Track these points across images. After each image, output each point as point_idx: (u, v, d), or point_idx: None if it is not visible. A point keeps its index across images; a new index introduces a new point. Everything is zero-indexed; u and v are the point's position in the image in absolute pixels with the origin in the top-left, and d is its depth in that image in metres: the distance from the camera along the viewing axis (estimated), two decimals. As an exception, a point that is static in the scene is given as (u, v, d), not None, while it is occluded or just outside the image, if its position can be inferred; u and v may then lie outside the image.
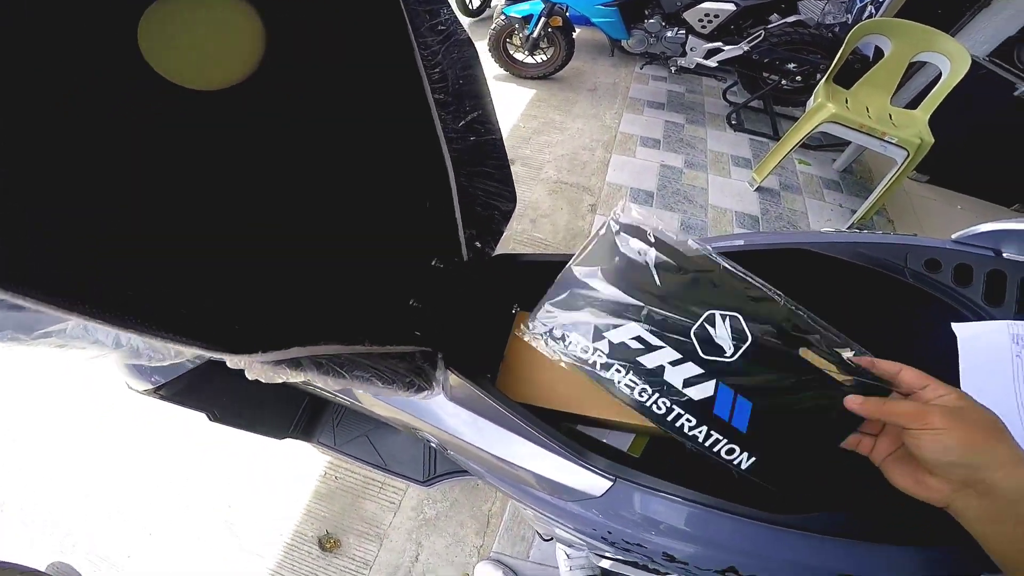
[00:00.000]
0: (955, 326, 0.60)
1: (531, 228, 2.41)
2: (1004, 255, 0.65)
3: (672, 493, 0.55)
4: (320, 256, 0.49)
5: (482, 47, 3.38)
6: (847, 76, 2.44)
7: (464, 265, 0.70)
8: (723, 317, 0.51)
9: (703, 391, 0.51)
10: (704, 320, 0.51)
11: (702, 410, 0.51)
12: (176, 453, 1.53)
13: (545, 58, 3.44)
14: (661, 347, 0.52)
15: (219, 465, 1.51)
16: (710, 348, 0.51)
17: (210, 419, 0.96)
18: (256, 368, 0.36)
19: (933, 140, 2.09)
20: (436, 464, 1.30)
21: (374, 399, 0.72)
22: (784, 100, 3.29)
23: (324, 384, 0.42)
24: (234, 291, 0.38)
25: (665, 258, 0.51)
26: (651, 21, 3.09)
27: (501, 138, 0.59)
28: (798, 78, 3.04)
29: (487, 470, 0.75)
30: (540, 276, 0.82)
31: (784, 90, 3.19)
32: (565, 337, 0.53)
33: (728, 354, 0.51)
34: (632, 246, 0.52)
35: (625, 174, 2.73)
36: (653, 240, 0.52)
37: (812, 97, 2.35)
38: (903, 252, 0.65)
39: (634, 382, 0.52)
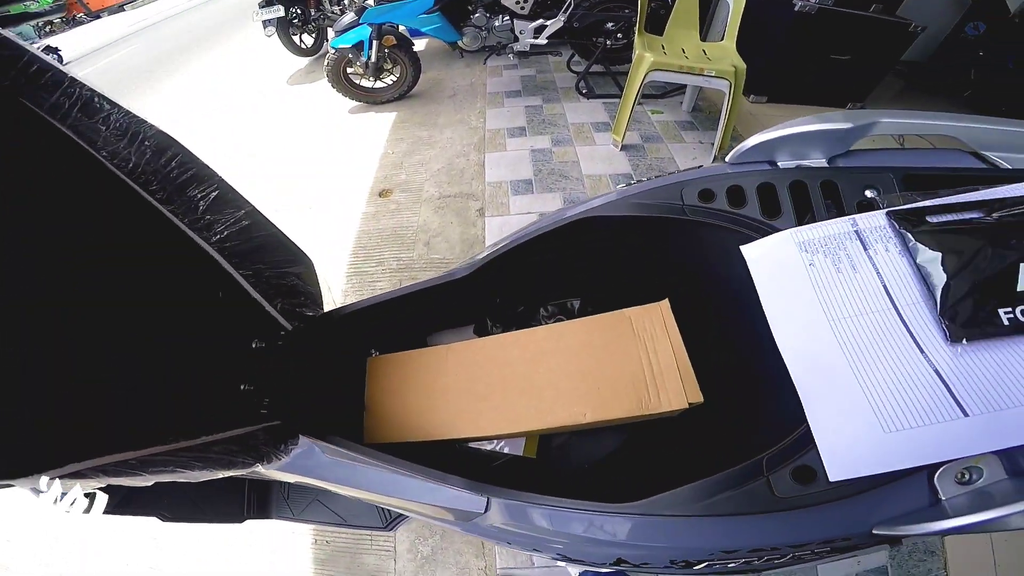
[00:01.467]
0: (743, 248, 0.62)
1: (427, 252, 2.40)
2: (779, 164, 0.68)
3: (534, 502, 0.57)
4: (118, 363, 0.48)
5: (327, 84, 3.32)
6: (658, 24, 2.62)
7: (291, 335, 0.69)
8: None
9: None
10: None
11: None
12: (158, 556, 1.48)
13: (395, 78, 3.43)
14: None
15: (207, 561, 1.47)
16: None
17: (162, 520, 0.90)
18: (48, 487, 0.36)
19: (745, 65, 2.30)
20: (388, 509, 1.29)
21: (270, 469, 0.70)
22: (618, 59, 3.44)
23: (124, 484, 0.42)
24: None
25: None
26: (476, 16, 3.18)
27: (254, 209, 0.58)
28: (619, 36, 3.22)
29: (399, 508, 0.75)
30: (389, 315, 0.83)
31: (614, 50, 3.34)
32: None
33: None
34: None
35: (502, 169, 2.78)
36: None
37: (633, 51, 2.49)
38: (678, 190, 0.68)
39: None
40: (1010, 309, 0.51)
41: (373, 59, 3.11)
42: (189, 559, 1.50)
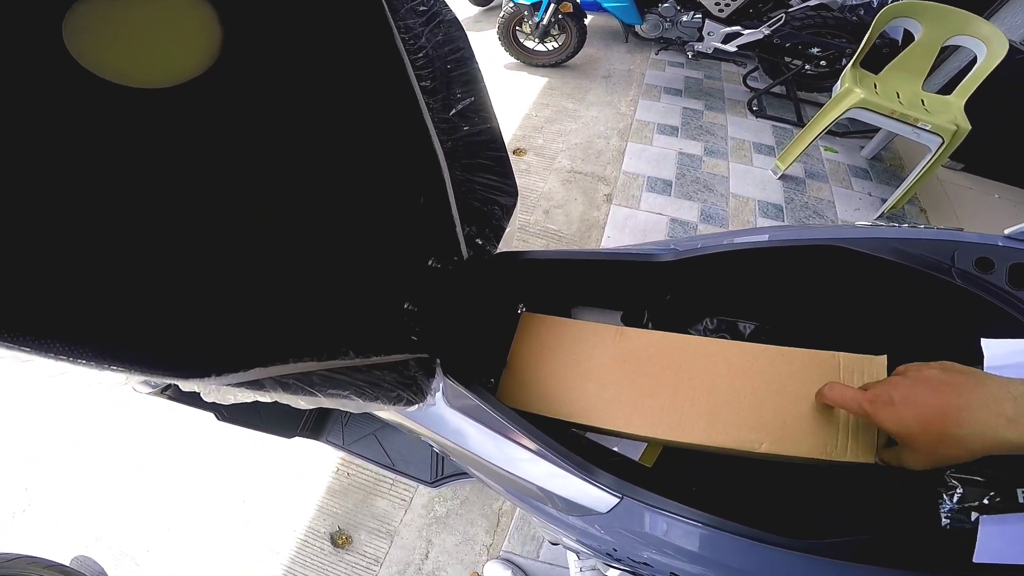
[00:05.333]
0: (984, 343, 0.52)
1: (544, 219, 2.36)
2: None
3: (683, 514, 0.51)
4: (297, 261, 0.45)
5: (492, 36, 3.31)
6: (875, 61, 2.32)
7: (464, 264, 0.65)
8: None
9: None
10: None
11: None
12: (191, 452, 1.55)
13: (556, 45, 3.35)
14: None
15: (233, 462, 1.53)
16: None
17: (218, 419, 0.94)
18: (212, 391, 0.32)
19: (970, 127, 1.97)
20: (444, 465, 1.28)
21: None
22: (808, 86, 3.14)
23: (293, 404, 0.38)
24: (188, 305, 0.34)
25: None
26: (665, 5, 2.97)
27: (498, 128, 0.53)
28: (822, 63, 2.90)
29: (489, 478, 0.72)
30: (546, 274, 0.78)
31: (807, 75, 3.05)
32: None
33: None
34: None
35: (642, 162, 2.65)
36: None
37: (839, 82, 2.24)
38: (950, 250, 0.58)
39: None
40: None
41: (545, 22, 3.04)
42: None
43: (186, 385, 0.32)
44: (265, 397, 0.36)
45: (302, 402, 0.40)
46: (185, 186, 0.37)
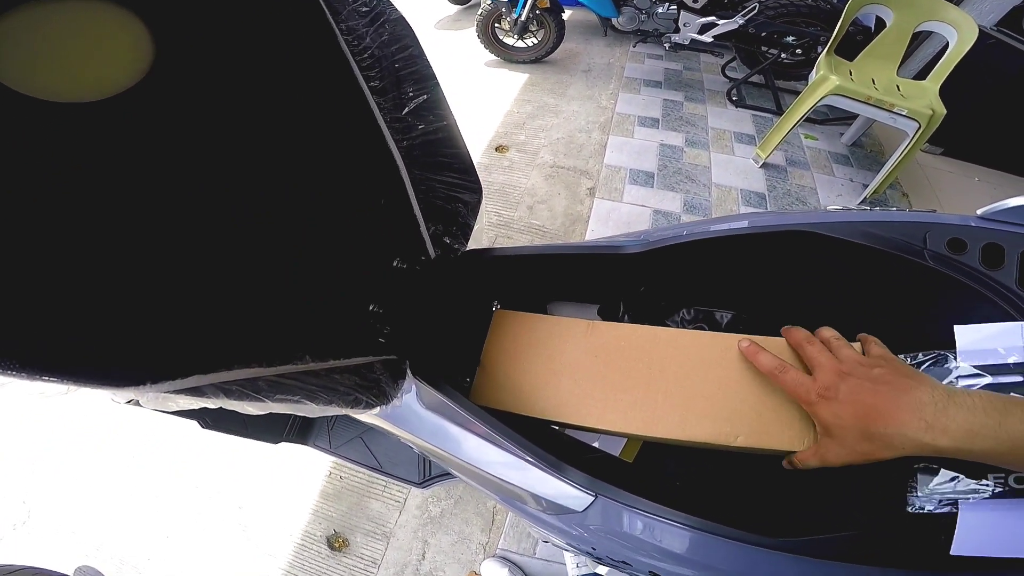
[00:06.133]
0: (958, 330, 0.52)
1: (528, 215, 2.35)
2: None
3: (659, 514, 0.50)
4: (248, 267, 0.43)
5: (472, 35, 3.29)
6: (849, 48, 2.34)
7: (432, 263, 0.64)
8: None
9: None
10: None
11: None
12: (188, 454, 1.56)
13: (536, 41, 3.34)
14: None
15: (228, 465, 1.54)
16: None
17: (202, 426, 0.92)
18: (151, 399, 0.31)
19: (945, 111, 1.99)
20: (431, 466, 1.27)
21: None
22: (785, 74, 3.16)
23: (240, 409, 0.36)
24: (117, 309, 0.32)
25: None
26: (641, -3, 2.97)
27: (455, 124, 0.52)
28: (798, 51, 2.92)
29: (470, 478, 0.71)
30: (520, 271, 0.76)
31: (784, 64, 3.06)
32: None
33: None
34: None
35: (624, 155, 2.64)
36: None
37: (814, 70, 2.25)
38: (922, 231, 0.57)
39: None
40: None
41: (523, 17, 3.03)
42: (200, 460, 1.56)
43: (120, 395, 0.30)
44: (209, 403, 0.34)
45: (249, 408, 0.38)
46: (122, 190, 0.35)
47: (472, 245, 0.68)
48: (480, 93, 3.18)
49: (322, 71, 0.46)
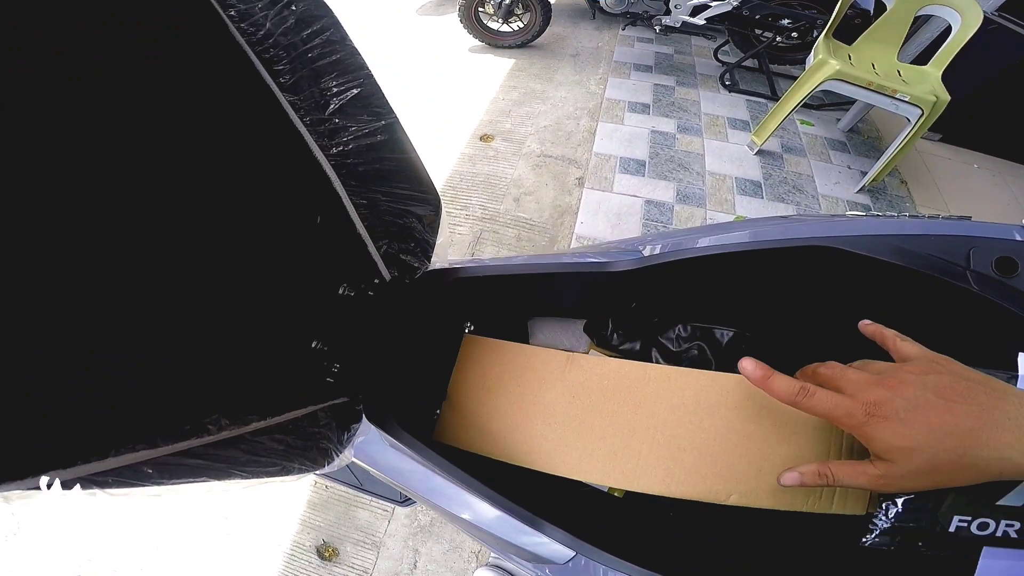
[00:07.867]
0: (1021, 357, 0.44)
1: (515, 207, 2.25)
2: None
3: None
4: (134, 312, 0.33)
5: (454, 20, 3.14)
6: (847, 32, 2.25)
7: (387, 287, 0.54)
8: None
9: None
10: None
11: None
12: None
13: (521, 25, 3.20)
14: None
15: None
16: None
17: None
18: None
19: (949, 97, 1.91)
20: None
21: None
22: (780, 58, 3.06)
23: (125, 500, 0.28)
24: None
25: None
26: (629, -22, 2.84)
27: (398, 124, 0.42)
28: (794, 35, 2.80)
29: (446, 519, 0.63)
30: (494, 289, 0.67)
31: (779, 48, 2.95)
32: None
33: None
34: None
35: (614, 143, 2.54)
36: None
37: (812, 54, 2.15)
38: (964, 247, 0.48)
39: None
40: None
41: (508, 1, 2.89)
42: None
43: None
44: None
45: (139, 496, 0.30)
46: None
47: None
48: (464, 80, 3.05)
49: (213, 69, 0.35)
